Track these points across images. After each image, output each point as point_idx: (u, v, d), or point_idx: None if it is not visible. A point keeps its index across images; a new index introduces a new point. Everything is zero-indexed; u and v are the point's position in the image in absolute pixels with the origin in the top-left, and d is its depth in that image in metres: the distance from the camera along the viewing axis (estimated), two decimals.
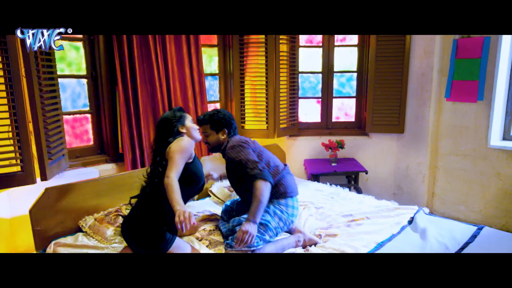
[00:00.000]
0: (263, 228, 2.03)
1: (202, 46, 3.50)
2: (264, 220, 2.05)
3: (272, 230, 2.06)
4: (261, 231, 2.02)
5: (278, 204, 2.15)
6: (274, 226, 2.07)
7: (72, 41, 2.78)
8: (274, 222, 2.08)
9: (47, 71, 2.42)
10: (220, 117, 2.30)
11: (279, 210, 2.13)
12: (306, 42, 3.99)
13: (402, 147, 3.87)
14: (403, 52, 3.62)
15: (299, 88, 4.04)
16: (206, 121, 2.31)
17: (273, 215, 2.10)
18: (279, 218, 2.11)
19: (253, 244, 1.94)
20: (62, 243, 2.17)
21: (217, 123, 2.30)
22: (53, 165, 2.37)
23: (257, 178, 2.02)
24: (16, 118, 2.14)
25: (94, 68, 2.87)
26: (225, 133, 2.31)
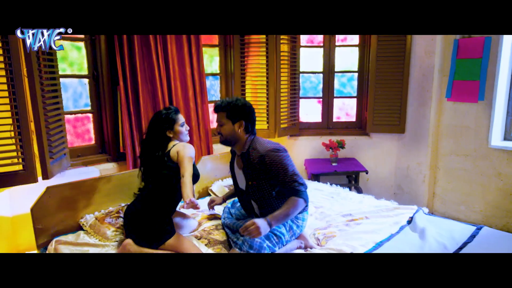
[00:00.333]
0: (276, 239, 1.99)
1: (203, 46, 3.52)
2: (279, 232, 2.01)
3: (283, 242, 2.03)
4: (274, 242, 1.98)
5: (296, 219, 2.11)
6: (286, 239, 2.05)
7: (74, 41, 2.80)
8: (287, 235, 2.05)
9: (48, 71, 2.44)
10: (239, 105, 2.07)
11: (295, 225, 2.09)
12: (307, 42, 4.00)
13: (402, 147, 3.87)
14: (404, 52, 3.62)
15: (300, 88, 4.05)
16: (223, 109, 2.08)
17: (288, 230, 2.06)
18: (293, 233, 2.09)
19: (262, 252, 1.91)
20: (63, 241, 2.19)
21: (235, 112, 2.06)
22: (54, 164, 2.39)
23: (299, 196, 1.96)
24: (18, 118, 2.16)
25: (95, 68, 2.89)
26: (242, 126, 2.07)
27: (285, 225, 2.05)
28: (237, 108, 2.06)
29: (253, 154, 2.05)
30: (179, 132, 2.19)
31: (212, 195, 2.96)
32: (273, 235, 1.98)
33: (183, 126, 2.21)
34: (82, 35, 2.81)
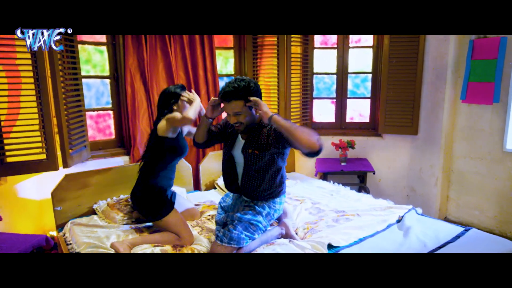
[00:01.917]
0: (253, 228, 2.10)
1: (218, 49, 3.74)
2: (256, 221, 2.11)
3: (261, 229, 2.14)
4: (251, 231, 2.09)
5: (273, 203, 2.21)
6: (264, 225, 2.15)
7: (97, 45, 3.11)
8: (264, 221, 2.16)
9: (72, 72, 2.76)
10: (255, 89, 1.99)
11: (273, 210, 2.20)
12: (321, 44, 4.08)
13: (415, 148, 3.84)
14: (417, 53, 3.60)
15: (313, 88, 4.14)
16: (240, 96, 1.96)
17: (265, 216, 2.17)
18: (271, 218, 2.20)
19: (242, 243, 2.04)
20: (77, 223, 2.49)
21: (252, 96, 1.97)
22: (74, 154, 2.70)
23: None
24: (42, 113, 2.48)
25: (116, 70, 3.19)
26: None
27: (261, 213, 2.15)
28: (255, 91, 2.00)
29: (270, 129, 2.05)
30: (184, 106, 2.34)
31: (217, 188, 3.16)
32: (249, 225, 2.09)
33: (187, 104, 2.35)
34: (105, 40, 3.12)
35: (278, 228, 2.27)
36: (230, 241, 2.02)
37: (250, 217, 2.10)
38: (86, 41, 3.04)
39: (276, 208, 2.23)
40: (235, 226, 2.07)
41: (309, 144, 1.86)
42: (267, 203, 2.19)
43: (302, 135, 1.86)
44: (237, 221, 2.09)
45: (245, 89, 1.97)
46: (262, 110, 1.93)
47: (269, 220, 2.19)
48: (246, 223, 2.08)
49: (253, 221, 2.10)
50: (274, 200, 2.21)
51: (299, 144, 1.88)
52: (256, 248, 2.12)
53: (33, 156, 2.50)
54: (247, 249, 2.08)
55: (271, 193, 2.18)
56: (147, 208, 2.27)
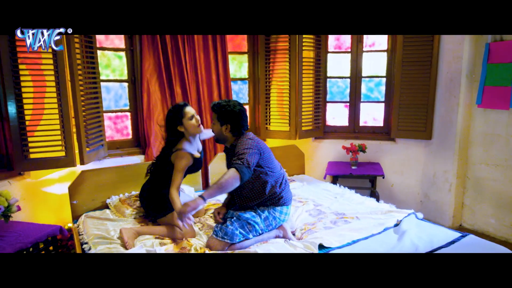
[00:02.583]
0: (249, 228, 2.20)
1: (232, 53, 3.88)
2: (253, 221, 2.21)
3: (257, 231, 2.23)
4: (247, 230, 2.19)
5: (274, 210, 2.29)
6: (260, 228, 2.24)
7: (116, 51, 3.33)
8: (262, 224, 2.24)
9: (91, 76, 2.98)
10: (228, 110, 2.22)
11: (272, 217, 2.28)
12: (335, 48, 4.11)
13: (429, 153, 3.77)
14: (431, 57, 3.55)
15: (327, 92, 4.18)
16: (215, 110, 2.27)
17: (264, 220, 2.25)
18: (269, 223, 2.27)
19: (235, 240, 2.14)
20: (90, 216, 2.68)
21: (223, 116, 2.23)
22: (90, 153, 2.91)
23: (234, 167, 2.03)
24: (62, 114, 2.70)
25: (133, 74, 3.39)
26: (228, 129, 2.24)
27: (261, 215, 2.24)
28: (226, 113, 2.23)
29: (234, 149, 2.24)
30: (188, 125, 2.37)
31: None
32: (246, 224, 2.19)
33: (192, 119, 2.37)
34: (123, 46, 3.33)
35: (275, 231, 2.34)
36: (224, 236, 2.13)
37: (249, 217, 2.20)
38: (106, 47, 3.26)
39: (276, 216, 2.29)
40: (232, 222, 2.18)
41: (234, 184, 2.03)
42: (267, 209, 2.28)
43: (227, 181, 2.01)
44: (235, 218, 2.20)
45: (221, 107, 2.25)
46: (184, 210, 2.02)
47: (267, 225, 2.26)
48: (243, 222, 2.19)
49: (250, 220, 2.19)
50: (274, 208, 2.29)
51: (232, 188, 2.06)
52: (250, 245, 2.20)
53: (53, 153, 2.73)
54: (241, 246, 2.17)
55: (261, 202, 2.28)
56: (153, 208, 2.43)
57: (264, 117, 4.00)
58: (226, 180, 2.00)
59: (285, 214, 2.35)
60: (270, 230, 2.30)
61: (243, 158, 2.07)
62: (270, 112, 4.00)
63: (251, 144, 2.18)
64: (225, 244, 2.13)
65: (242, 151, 2.12)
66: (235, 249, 2.16)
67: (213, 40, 3.55)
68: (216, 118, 2.28)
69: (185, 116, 2.38)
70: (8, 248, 2.06)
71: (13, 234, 2.22)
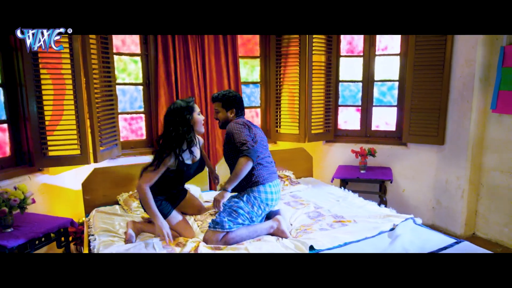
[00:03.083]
0: (235, 214, 2.34)
1: (245, 58, 3.99)
2: (237, 206, 2.36)
3: (244, 215, 2.35)
4: (234, 216, 2.33)
5: (251, 191, 2.42)
6: (246, 211, 2.36)
7: (132, 56, 3.52)
8: (246, 207, 2.37)
9: (106, 80, 3.18)
10: (231, 96, 2.56)
11: (252, 197, 2.40)
12: (347, 52, 4.12)
13: (442, 159, 3.69)
14: (443, 60, 3.49)
15: (339, 96, 4.19)
16: (219, 99, 2.58)
17: (246, 202, 2.39)
18: (252, 204, 2.39)
19: (225, 227, 2.28)
20: (100, 210, 2.86)
21: (228, 102, 2.55)
22: (104, 152, 3.10)
23: (243, 155, 2.31)
24: (78, 115, 2.90)
25: (148, 78, 3.57)
26: (233, 112, 2.57)
27: (242, 199, 2.40)
28: (229, 99, 2.56)
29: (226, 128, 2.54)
30: (197, 120, 2.44)
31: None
32: (232, 211, 2.35)
33: (200, 115, 2.51)
34: (139, 51, 3.51)
35: (270, 222, 2.43)
36: (216, 226, 2.29)
37: (232, 204, 2.38)
38: (123, 52, 3.46)
39: (256, 195, 2.40)
40: (220, 213, 2.34)
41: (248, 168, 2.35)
42: (247, 192, 2.43)
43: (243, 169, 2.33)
44: (222, 209, 2.37)
45: (224, 95, 2.58)
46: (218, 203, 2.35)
47: (252, 206, 2.38)
48: (229, 210, 2.36)
49: (234, 207, 2.36)
50: (251, 189, 2.43)
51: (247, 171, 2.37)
52: (245, 239, 2.32)
53: (69, 151, 2.94)
54: (235, 235, 2.29)
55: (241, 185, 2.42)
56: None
57: (274, 120, 4.07)
58: (240, 169, 2.32)
59: (265, 192, 2.43)
60: (257, 210, 2.40)
61: (245, 143, 2.36)
62: (281, 115, 4.06)
63: (240, 127, 2.44)
64: (219, 233, 2.27)
65: (238, 138, 2.39)
66: (229, 239, 2.28)
67: (224, 45, 3.66)
68: (221, 106, 2.59)
69: (195, 110, 2.46)
70: (22, 236, 2.26)
71: (28, 225, 2.42)
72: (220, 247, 2.23)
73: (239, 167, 2.32)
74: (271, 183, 2.47)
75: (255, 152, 2.36)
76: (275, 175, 2.55)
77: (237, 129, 2.43)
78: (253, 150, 2.34)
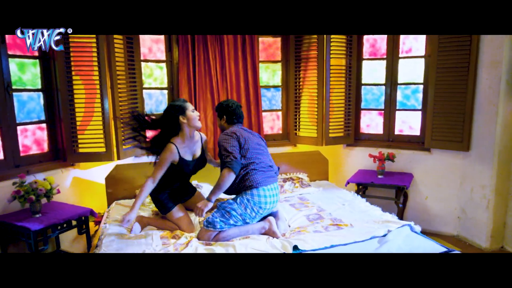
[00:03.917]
0: (228, 215, 2.44)
1: (266, 62, 4.11)
2: (230, 208, 2.45)
3: (236, 216, 2.44)
4: (226, 217, 2.43)
5: (245, 194, 2.51)
6: (239, 213, 2.45)
7: (158, 63, 3.81)
8: (239, 209, 2.46)
9: (132, 84, 3.49)
10: (221, 106, 2.80)
11: (245, 199, 2.49)
12: (370, 55, 4.05)
13: (467, 166, 3.49)
14: (468, 62, 3.31)
15: (361, 99, 4.13)
16: (215, 110, 2.89)
17: (240, 204, 2.48)
18: (245, 206, 2.47)
19: (217, 226, 2.40)
20: (119, 203, 3.16)
21: (220, 111, 2.82)
22: (126, 150, 3.41)
23: (225, 166, 2.45)
24: (103, 117, 3.23)
25: (172, 82, 3.84)
26: (224, 120, 2.79)
27: (236, 201, 2.49)
28: (221, 108, 2.82)
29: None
30: (191, 117, 2.60)
31: None
32: (225, 212, 2.45)
33: (194, 112, 2.65)
34: (164, 58, 3.79)
35: (261, 223, 2.51)
36: (208, 225, 2.42)
37: (226, 205, 2.48)
38: (150, 59, 3.76)
39: (249, 198, 2.48)
40: (213, 213, 2.47)
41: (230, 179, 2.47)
42: (241, 195, 2.53)
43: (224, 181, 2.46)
44: (216, 209, 2.50)
45: (216, 106, 2.88)
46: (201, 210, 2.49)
47: (245, 208, 2.47)
48: (222, 210, 2.46)
49: (227, 208, 2.46)
50: (245, 192, 2.51)
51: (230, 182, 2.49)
52: (235, 236, 2.43)
53: (96, 149, 3.28)
54: (226, 235, 2.42)
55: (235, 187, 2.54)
56: (156, 206, 2.77)
57: (293, 122, 4.13)
58: (223, 180, 2.46)
59: (258, 196, 2.49)
60: (251, 213, 2.48)
61: (228, 155, 2.49)
62: (300, 118, 4.11)
63: (227, 138, 2.59)
64: (210, 233, 2.40)
65: (224, 149, 2.53)
66: (220, 237, 2.41)
67: (242, 51, 3.82)
68: (217, 115, 2.88)
69: (188, 108, 2.64)
70: (45, 221, 2.59)
71: (53, 212, 2.77)
72: (211, 243, 2.37)
73: (221, 178, 2.45)
74: (265, 187, 2.53)
75: (238, 164, 2.47)
76: (272, 179, 2.61)
77: (224, 140, 2.59)
78: (235, 162, 2.45)
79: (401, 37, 3.85)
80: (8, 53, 2.91)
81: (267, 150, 2.79)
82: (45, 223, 2.57)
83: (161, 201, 2.70)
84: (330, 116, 3.89)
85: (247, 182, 2.52)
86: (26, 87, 3.11)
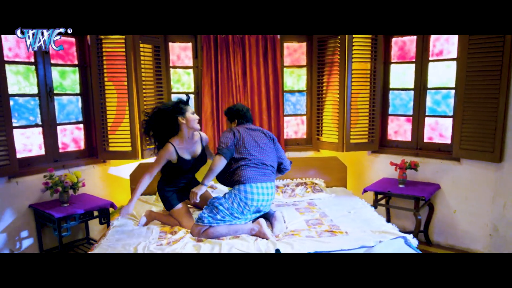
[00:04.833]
0: (216, 210, 2.56)
1: (291, 67, 4.16)
2: (218, 203, 2.58)
3: (223, 211, 2.55)
4: (214, 212, 2.56)
5: (234, 189, 2.64)
6: (226, 207, 2.56)
7: (185, 69, 4.05)
8: (227, 204, 2.57)
9: (158, 89, 3.77)
10: (230, 110, 2.99)
11: (233, 194, 2.60)
12: (398, 59, 3.87)
13: (499, 179, 3.18)
14: (501, 66, 3.03)
15: (389, 105, 3.97)
16: (225, 114, 3.06)
17: (227, 198, 2.60)
18: (232, 200, 2.57)
19: (205, 221, 2.53)
20: (139, 198, 3.41)
21: (229, 115, 3.00)
22: (149, 150, 3.67)
23: (217, 153, 2.68)
24: (130, 120, 3.54)
25: (197, 87, 4.06)
26: (235, 123, 2.96)
27: (225, 195, 2.62)
28: (229, 112, 3.02)
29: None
30: (190, 118, 2.75)
31: None
32: (213, 207, 2.57)
33: (193, 114, 2.79)
34: (191, 64, 4.03)
35: (251, 224, 2.58)
36: (198, 220, 2.59)
37: (214, 201, 2.61)
38: (178, 66, 4.02)
39: (236, 193, 2.59)
40: (204, 209, 2.62)
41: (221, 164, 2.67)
42: (230, 190, 2.67)
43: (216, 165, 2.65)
44: (206, 206, 2.65)
45: (226, 110, 3.07)
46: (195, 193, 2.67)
47: (232, 202, 2.57)
48: (211, 206, 2.60)
49: (215, 203, 2.59)
50: (234, 187, 2.64)
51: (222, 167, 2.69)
52: (225, 235, 2.53)
53: (124, 148, 3.60)
54: (215, 231, 2.53)
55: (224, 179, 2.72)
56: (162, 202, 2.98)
57: (315, 128, 4.10)
58: (214, 165, 2.67)
59: (245, 192, 2.58)
60: (238, 208, 2.57)
61: (221, 144, 2.74)
62: (323, 123, 4.07)
63: (225, 133, 2.82)
64: (200, 228, 2.55)
65: (220, 141, 2.78)
66: (209, 233, 2.53)
67: (264, 56, 3.90)
68: (227, 119, 3.08)
69: (188, 110, 2.80)
70: (70, 210, 2.94)
71: (79, 202, 3.12)
72: (202, 239, 2.50)
73: (213, 163, 2.67)
74: (254, 184, 2.60)
75: (229, 151, 2.67)
76: (265, 177, 2.67)
77: (223, 135, 2.80)
78: (226, 149, 2.66)
79: (432, 38, 3.63)
80: (51, 62, 3.34)
81: (273, 149, 2.85)
82: (69, 212, 2.91)
83: (166, 198, 2.89)
84: (352, 121, 3.80)
85: (236, 177, 2.65)
86: (66, 92, 3.54)
